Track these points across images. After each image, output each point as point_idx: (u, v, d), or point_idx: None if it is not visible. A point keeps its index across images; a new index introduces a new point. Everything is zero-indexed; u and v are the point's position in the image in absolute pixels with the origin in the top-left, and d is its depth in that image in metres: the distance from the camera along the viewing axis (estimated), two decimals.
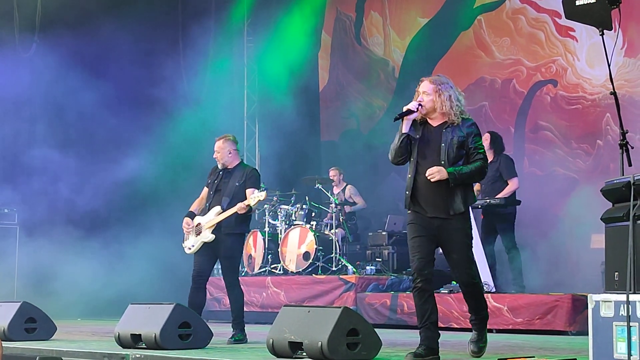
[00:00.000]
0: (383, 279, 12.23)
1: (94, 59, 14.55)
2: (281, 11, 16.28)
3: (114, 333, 7.82)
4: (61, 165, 14.31)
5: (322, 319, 6.41)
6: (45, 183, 14.14)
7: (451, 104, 6.69)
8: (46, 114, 14.26)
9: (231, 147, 9.02)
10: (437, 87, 6.79)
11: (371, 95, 15.98)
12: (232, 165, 8.99)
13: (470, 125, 6.69)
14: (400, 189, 14.99)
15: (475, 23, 14.49)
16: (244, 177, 8.88)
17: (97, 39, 14.59)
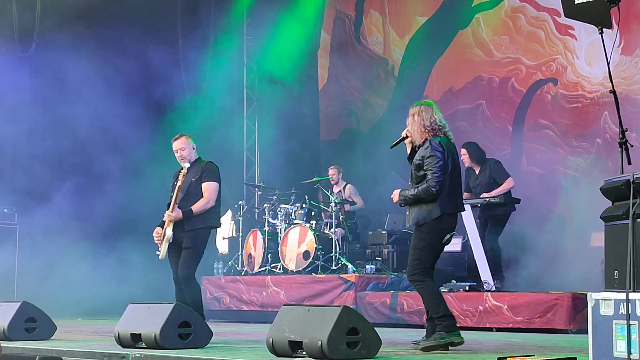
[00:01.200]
0: (383, 277, 12.23)
1: (93, 57, 14.53)
2: (280, 10, 16.28)
3: (114, 332, 7.80)
4: (61, 163, 14.32)
5: (322, 318, 6.40)
6: (45, 182, 14.15)
7: (418, 129, 7.53)
8: (46, 113, 14.25)
9: (192, 143, 8.89)
10: (409, 117, 7.62)
11: (371, 94, 15.98)
12: (192, 162, 8.83)
13: (426, 148, 7.47)
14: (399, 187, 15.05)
15: (473, 22, 14.50)
16: (200, 171, 8.70)
17: (96, 38, 14.59)
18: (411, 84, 15.26)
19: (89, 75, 14.29)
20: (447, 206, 7.47)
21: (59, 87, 14.34)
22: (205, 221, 8.69)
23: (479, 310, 10.41)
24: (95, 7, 14.64)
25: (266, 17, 16.43)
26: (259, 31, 16.80)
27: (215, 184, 8.71)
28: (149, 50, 14.97)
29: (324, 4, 16.64)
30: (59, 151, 14.27)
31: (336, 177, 14.14)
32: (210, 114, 15.99)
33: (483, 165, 11.61)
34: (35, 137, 14.29)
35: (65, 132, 14.26)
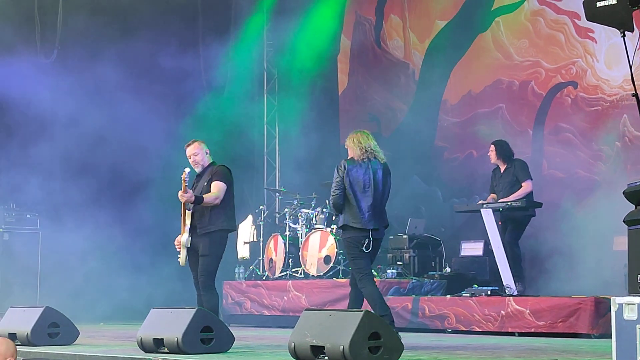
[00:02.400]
0: (404, 282, 12.21)
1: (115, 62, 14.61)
2: (300, 16, 16.30)
3: (136, 337, 7.83)
4: (82, 168, 14.38)
5: (343, 323, 6.40)
6: (67, 188, 14.22)
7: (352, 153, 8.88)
8: (68, 119, 14.32)
9: (205, 148, 8.95)
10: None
11: (392, 98, 15.97)
12: (205, 167, 8.90)
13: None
14: (421, 192, 15.09)
15: (493, 25, 14.46)
16: (211, 174, 8.77)
17: (117, 43, 14.65)
18: (431, 88, 15.25)
19: (110, 79, 14.36)
20: (348, 218, 8.63)
21: (81, 92, 14.41)
22: (217, 224, 8.71)
23: (501, 314, 10.37)
24: (116, 12, 14.71)
25: (286, 22, 16.45)
26: (279, 36, 16.82)
27: (223, 184, 8.75)
28: (170, 54, 15.02)
29: (344, 8, 16.64)
30: (80, 156, 14.33)
31: None
32: (231, 118, 16.03)
33: (509, 163, 11.63)
34: (57, 143, 14.35)
35: (87, 136, 14.34)
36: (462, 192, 14.43)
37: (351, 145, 8.87)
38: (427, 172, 15.24)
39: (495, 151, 11.71)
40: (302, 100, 16.31)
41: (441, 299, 11.31)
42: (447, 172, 14.92)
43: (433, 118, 15.19)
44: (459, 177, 14.62)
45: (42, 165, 14.02)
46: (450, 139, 14.92)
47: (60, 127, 14.40)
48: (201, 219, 8.65)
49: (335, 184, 8.67)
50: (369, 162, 8.77)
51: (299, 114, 16.19)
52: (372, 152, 8.82)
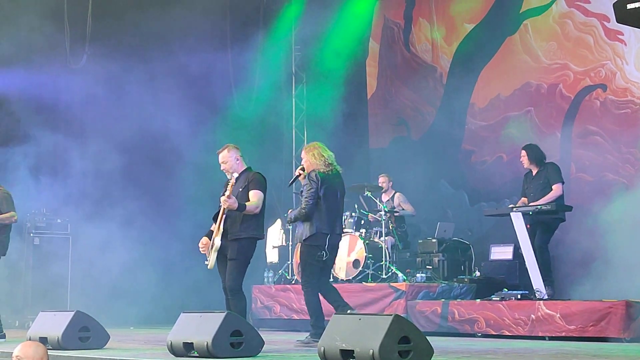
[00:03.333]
0: (433, 286, 12.18)
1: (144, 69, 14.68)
2: (329, 20, 16.31)
3: (166, 341, 7.85)
4: (112, 173, 14.45)
5: (373, 327, 6.38)
6: (97, 192, 14.30)
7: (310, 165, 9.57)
8: (99, 123, 14.41)
9: (237, 154, 8.96)
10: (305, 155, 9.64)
11: (420, 101, 15.95)
12: (238, 173, 8.93)
13: (305, 178, 9.55)
14: (449, 196, 15.05)
15: (521, 28, 14.41)
16: (247, 181, 8.79)
17: (146, 50, 14.73)
18: (459, 91, 15.22)
19: (139, 83, 14.43)
20: (321, 226, 9.35)
21: (110, 96, 14.49)
22: (247, 231, 8.72)
23: (531, 318, 10.32)
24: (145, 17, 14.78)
25: (314, 27, 16.47)
26: (308, 40, 16.85)
27: (262, 194, 8.78)
28: (198, 59, 15.09)
29: (373, 12, 16.66)
30: (111, 161, 14.40)
31: (386, 185, 14.11)
32: (259, 123, 16.07)
33: (542, 167, 11.60)
34: (88, 147, 14.44)
35: (117, 141, 14.42)
36: (491, 196, 14.39)
37: (312, 160, 9.52)
38: (455, 175, 15.21)
39: (527, 156, 11.69)
40: (331, 104, 16.31)
41: (471, 303, 11.27)
42: (475, 176, 14.87)
43: (461, 121, 15.16)
44: (487, 181, 14.57)
45: (72, 170, 14.11)
46: (479, 142, 14.88)
47: (91, 132, 14.50)
48: (233, 224, 8.68)
49: (309, 194, 9.36)
50: (336, 173, 9.65)
51: (327, 118, 16.19)
52: (333, 163, 9.64)
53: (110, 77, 14.49)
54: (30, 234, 13.95)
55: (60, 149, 14.08)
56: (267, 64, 16.60)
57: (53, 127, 14.12)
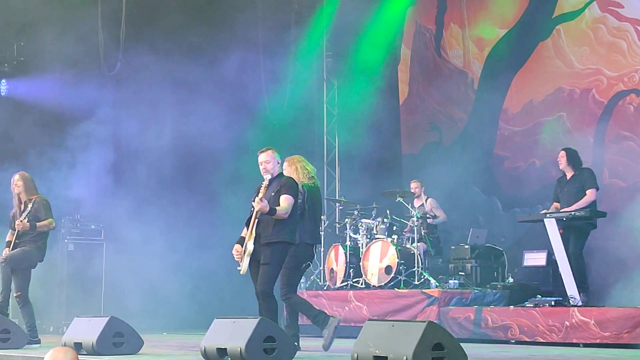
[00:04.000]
0: (466, 292, 12.14)
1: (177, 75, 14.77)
2: (360, 25, 16.33)
3: (200, 347, 7.88)
4: (146, 178, 14.53)
5: (406, 333, 6.37)
6: (131, 198, 14.38)
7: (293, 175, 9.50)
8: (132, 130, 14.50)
9: (278, 157, 8.99)
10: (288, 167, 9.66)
11: (452, 107, 15.93)
12: (273, 177, 8.95)
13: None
14: (481, 202, 14.99)
15: (554, 33, 14.34)
16: (279, 186, 8.79)
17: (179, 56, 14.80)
18: (491, 97, 15.17)
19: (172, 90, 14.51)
20: (305, 237, 9.45)
21: (144, 103, 14.57)
22: (279, 235, 8.71)
23: (565, 325, 10.26)
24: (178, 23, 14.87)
25: (346, 33, 16.49)
26: (339, 46, 16.88)
27: (292, 199, 8.77)
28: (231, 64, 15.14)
29: (404, 18, 16.65)
30: (144, 167, 14.49)
31: (418, 191, 14.08)
32: (291, 129, 16.09)
33: (577, 171, 11.54)
34: (121, 154, 14.53)
35: (150, 147, 14.50)
36: (524, 202, 14.33)
37: (294, 174, 9.53)
38: (487, 181, 15.16)
39: (566, 157, 11.63)
40: (362, 110, 16.31)
41: (504, 309, 11.22)
42: (507, 182, 14.82)
43: (493, 127, 15.11)
44: (520, 187, 14.52)
45: (106, 176, 14.19)
46: (512, 148, 14.83)
47: (125, 139, 14.59)
48: (266, 229, 8.68)
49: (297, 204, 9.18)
50: (317, 187, 9.84)
51: (359, 124, 16.19)
52: (314, 177, 9.86)
53: (143, 84, 14.56)
54: (64, 240, 14.05)
55: (95, 155, 14.16)
56: (299, 70, 16.64)
57: (87, 133, 14.20)
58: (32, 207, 10.49)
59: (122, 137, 14.58)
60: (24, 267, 10.44)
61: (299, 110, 16.55)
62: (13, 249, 10.41)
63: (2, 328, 9.83)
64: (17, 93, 14.60)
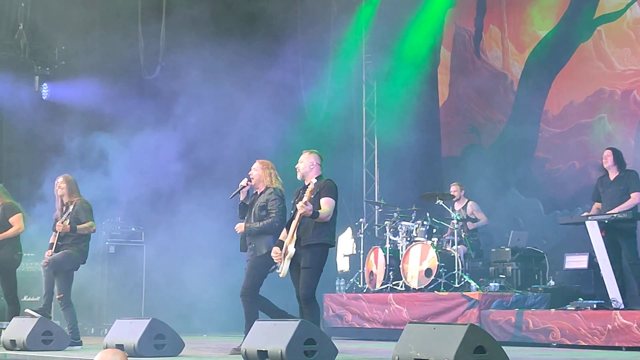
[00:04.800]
0: (507, 295, 12.06)
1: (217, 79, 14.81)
2: (400, 28, 16.31)
3: (240, 349, 7.90)
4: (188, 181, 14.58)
5: (448, 336, 6.36)
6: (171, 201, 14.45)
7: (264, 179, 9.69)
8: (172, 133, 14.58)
9: (315, 160, 8.91)
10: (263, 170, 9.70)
11: (491, 109, 15.86)
12: (310, 180, 8.91)
13: (270, 194, 9.60)
14: (520, 204, 14.89)
15: (595, 34, 14.25)
16: (318, 188, 8.73)
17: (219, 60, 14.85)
18: (530, 99, 15.09)
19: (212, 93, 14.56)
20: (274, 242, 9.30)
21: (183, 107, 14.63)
22: (319, 237, 8.67)
23: (608, 328, 10.17)
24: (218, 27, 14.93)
25: (385, 35, 16.49)
26: (378, 49, 16.87)
27: (333, 201, 8.74)
28: (270, 67, 15.19)
29: (444, 20, 16.60)
30: (184, 170, 14.55)
31: (458, 194, 14.01)
32: (329, 131, 16.10)
33: (622, 172, 11.37)
34: (161, 157, 14.59)
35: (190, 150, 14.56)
36: (564, 204, 14.24)
37: (268, 178, 9.66)
38: (526, 183, 15.07)
39: (612, 156, 11.42)
40: (401, 113, 16.29)
41: (545, 312, 11.14)
42: (548, 184, 14.73)
43: (534, 129, 15.02)
44: (560, 189, 14.43)
45: (147, 179, 14.26)
46: (553, 149, 14.73)
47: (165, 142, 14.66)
48: (305, 231, 8.65)
49: (279, 210, 9.49)
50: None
51: (398, 127, 16.16)
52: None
53: (183, 87, 14.63)
54: (105, 242, 14.15)
55: (136, 158, 14.25)
56: (338, 71, 16.65)
57: (128, 135, 14.30)
58: (73, 210, 10.57)
59: (163, 140, 14.64)
60: (66, 270, 10.52)
61: (338, 112, 16.55)
62: (55, 251, 10.49)
63: (45, 330, 9.91)
64: (59, 96, 14.72)
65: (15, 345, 9.91)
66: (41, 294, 10.72)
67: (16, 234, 11.09)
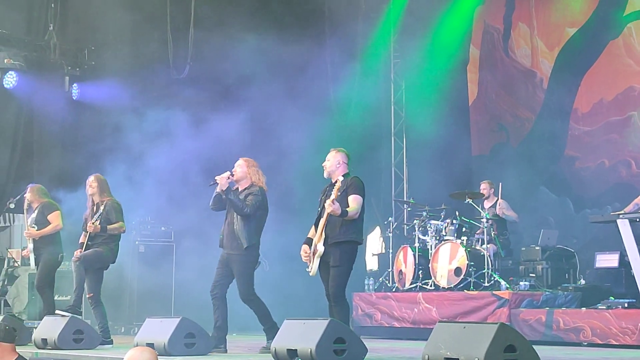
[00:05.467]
0: (537, 294, 12.00)
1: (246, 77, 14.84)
2: (428, 26, 16.28)
3: (270, 348, 7.91)
4: None
5: (478, 335, 6.33)
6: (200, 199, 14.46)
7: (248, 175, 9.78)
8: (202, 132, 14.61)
9: (342, 159, 8.88)
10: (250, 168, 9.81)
11: (520, 107, 15.79)
12: (337, 178, 8.87)
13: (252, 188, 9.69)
14: (550, 202, 14.80)
15: (625, 31, 14.16)
16: (345, 186, 8.67)
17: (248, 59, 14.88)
18: (560, 97, 15.02)
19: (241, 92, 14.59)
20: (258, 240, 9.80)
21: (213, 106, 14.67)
22: (347, 235, 8.65)
23: (639, 327, 10.10)
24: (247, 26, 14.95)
25: (414, 34, 16.46)
26: (407, 48, 16.84)
27: (361, 198, 8.72)
28: (297, 68, 15.18)
29: (473, 18, 16.55)
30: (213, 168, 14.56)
31: (488, 192, 13.94)
32: (358, 130, 16.08)
33: None
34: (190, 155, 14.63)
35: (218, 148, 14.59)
36: (593, 203, 14.16)
37: (255, 175, 9.81)
38: (556, 182, 14.99)
39: None
40: (430, 112, 16.25)
41: (576, 311, 11.08)
42: (577, 182, 14.64)
43: (563, 127, 14.95)
44: (590, 187, 14.35)
45: (176, 178, 14.31)
46: (582, 148, 14.65)
47: (193, 140, 14.70)
48: (333, 229, 8.64)
49: (258, 203, 9.62)
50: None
51: (427, 125, 16.12)
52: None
53: (212, 86, 14.66)
54: (135, 242, 14.21)
55: (165, 156, 14.29)
56: (366, 70, 16.64)
57: (157, 134, 14.35)
58: (103, 210, 10.63)
59: (192, 139, 14.68)
60: (96, 268, 10.58)
61: (366, 110, 16.53)
62: (85, 251, 10.56)
63: (76, 329, 9.98)
64: (89, 97, 14.80)
65: (46, 344, 9.98)
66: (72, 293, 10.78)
67: (54, 231, 11.16)
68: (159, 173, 14.21)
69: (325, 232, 8.62)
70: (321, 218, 8.66)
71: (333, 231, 8.63)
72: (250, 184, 9.76)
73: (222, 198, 9.71)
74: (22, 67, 14.15)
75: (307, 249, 8.73)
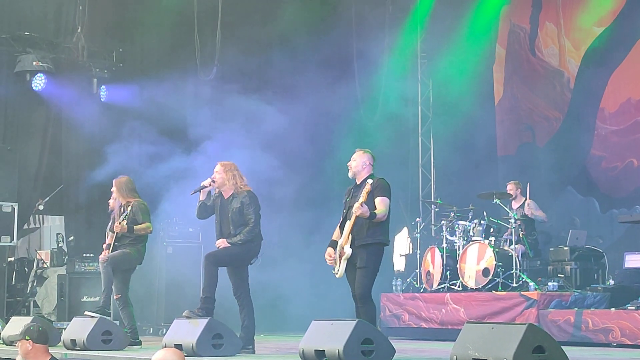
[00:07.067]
0: (566, 295, 11.95)
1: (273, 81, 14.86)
2: (454, 26, 16.25)
3: (298, 349, 7.93)
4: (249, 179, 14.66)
5: (506, 336, 6.32)
6: None
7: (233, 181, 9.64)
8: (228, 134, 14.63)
9: (368, 160, 8.84)
10: (227, 172, 9.65)
11: (547, 107, 15.73)
12: (362, 179, 8.84)
13: (245, 197, 9.61)
14: (577, 203, 14.74)
15: None
16: (372, 187, 8.59)
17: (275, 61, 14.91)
18: (587, 96, 14.95)
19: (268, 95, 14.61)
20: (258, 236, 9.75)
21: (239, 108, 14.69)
22: (374, 236, 8.61)
23: None
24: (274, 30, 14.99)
25: (440, 34, 16.44)
26: (433, 47, 16.82)
27: (388, 200, 8.70)
28: (324, 68, 15.20)
29: (499, 18, 16.50)
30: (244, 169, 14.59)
31: (514, 192, 13.88)
32: (385, 131, 16.08)
33: None
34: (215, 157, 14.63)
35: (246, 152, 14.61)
36: (621, 203, 14.09)
37: (232, 181, 9.66)
38: (583, 182, 14.91)
39: None
40: (457, 112, 16.23)
41: (605, 312, 11.03)
42: (604, 182, 14.56)
43: (590, 127, 14.87)
44: (617, 187, 14.27)
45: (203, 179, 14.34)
46: (609, 147, 14.57)
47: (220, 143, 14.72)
48: (360, 230, 8.62)
49: (255, 214, 9.63)
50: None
51: (454, 126, 16.10)
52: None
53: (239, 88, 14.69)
54: (163, 243, 14.26)
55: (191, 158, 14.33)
56: (393, 71, 16.64)
57: (183, 135, 14.41)
58: (130, 211, 10.64)
59: (218, 141, 14.72)
60: (123, 269, 10.60)
61: (393, 111, 16.53)
62: (113, 252, 10.59)
63: (104, 330, 10.02)
64: (117, 99, 14.86)
65: (75, 345, 10.03)
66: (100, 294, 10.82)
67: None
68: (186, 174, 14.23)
69: (351, 234, 8.61)
70: (347, 220, 8.64)
71: (360, 233, 8.61)
72: (235, 192, 9.69)
73: (207, 206, 9.77)
74: (51, 69, 14.22)
75: (332, 252, 8.72)
